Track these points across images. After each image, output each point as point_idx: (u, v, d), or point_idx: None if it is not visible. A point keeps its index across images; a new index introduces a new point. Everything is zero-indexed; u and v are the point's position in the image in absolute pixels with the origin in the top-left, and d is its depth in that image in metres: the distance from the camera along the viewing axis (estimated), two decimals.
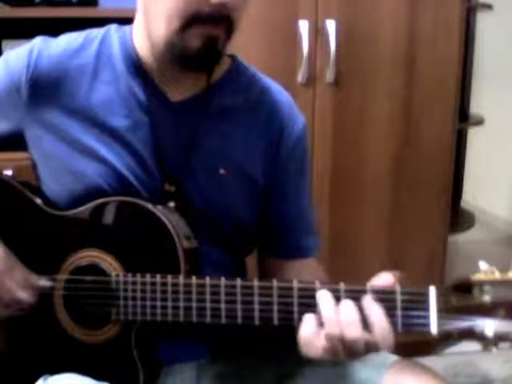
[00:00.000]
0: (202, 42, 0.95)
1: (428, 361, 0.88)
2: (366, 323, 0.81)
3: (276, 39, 1.91)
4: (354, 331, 0.80)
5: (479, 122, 2.78)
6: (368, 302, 0.82)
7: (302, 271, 1.09)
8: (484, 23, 3.31)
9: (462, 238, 2.97)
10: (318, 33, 1.91)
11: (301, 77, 1.92)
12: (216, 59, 1.01)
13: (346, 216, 2.07)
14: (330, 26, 1.90)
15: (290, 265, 1.11)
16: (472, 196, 3.58)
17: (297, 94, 1.84)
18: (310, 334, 0.82)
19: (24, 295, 0.96)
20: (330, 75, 1.94)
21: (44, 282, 0.98)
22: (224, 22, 0.95)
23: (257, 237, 1.12)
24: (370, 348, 0.81)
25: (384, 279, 0.84)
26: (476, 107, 3.21)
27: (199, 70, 1.02)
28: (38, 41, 1.05)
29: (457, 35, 2.02)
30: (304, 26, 1.89)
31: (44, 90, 1.02)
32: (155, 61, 1.02)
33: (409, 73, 2.01)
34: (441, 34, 2.00)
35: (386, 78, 2.00)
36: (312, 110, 1.96)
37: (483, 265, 0.80)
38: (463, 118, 2.71)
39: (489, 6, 2.76)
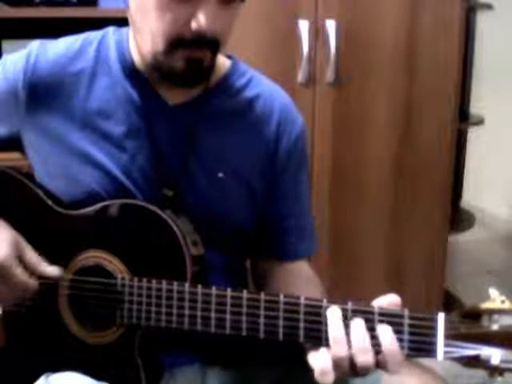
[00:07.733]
0: (186, 64, 0.93)
1: (428, 361, 0.87)
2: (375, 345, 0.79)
3: (276, 39, 1.91)
4: (365, 357, 0.79)
5: (479, 121, 2.78)
6: (382, 326, 0.80)
7: (296, 274, 1.09)
8: (484, 23, 3.30)
9: (461, 238, 2.96)
10: (317, 33, 1.91)
11: (301, 77, 1.92)
12: (203, 76, 0.99)
13: (346, 216, 2.07)
14: (330, 26, 1.90)
15: (284, 266, 1.10)
16: (472, 196, 3.58)
17: (297, 94, 1.84)
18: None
19: (31, 281, 0.95)
20: (330, 75, 1.93)
21: (53, 270, 0.96)
22: (208, 45, 0.94)
23: (256, 239, 1.11)
24: (378, 368, 0.81)
25: (390, 300, 0.82)
26: (476, 107, 3.20)
27: (186, 87, 1.00)
28: (36, 45, 1.04)
29: (457, 35, 2.02)
30: (304, 26, 1.89)
31: (41, 94, 1.01)
32: (149, 68, 1.00)
33: (409, 73, 2.01)
34: (441, 34, 2.00)
35: (386, 78, 2.00)
36: (312, 110, 1.96)
37: (494, 292, 0.78)
38: (463, 117, 2.70)
39: (489, 6, 2.76)
